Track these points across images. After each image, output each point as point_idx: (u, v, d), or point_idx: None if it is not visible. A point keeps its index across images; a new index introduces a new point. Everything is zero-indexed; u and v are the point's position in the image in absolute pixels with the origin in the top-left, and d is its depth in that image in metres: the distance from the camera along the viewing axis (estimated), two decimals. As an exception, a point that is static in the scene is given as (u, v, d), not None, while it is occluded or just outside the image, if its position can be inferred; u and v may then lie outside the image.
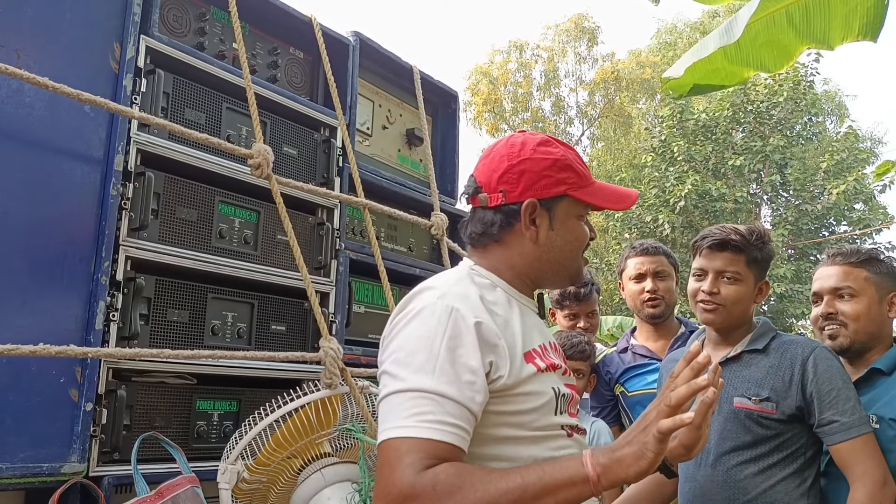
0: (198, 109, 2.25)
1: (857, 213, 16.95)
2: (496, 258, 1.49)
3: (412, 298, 1.37)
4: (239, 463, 1.89)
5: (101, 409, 1.89)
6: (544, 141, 1.49)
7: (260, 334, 2.32)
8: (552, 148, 1.48)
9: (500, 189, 1.45)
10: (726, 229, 2.18)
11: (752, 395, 2.08)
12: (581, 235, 1.51)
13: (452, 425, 1.21)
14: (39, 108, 1.85)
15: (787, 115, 17.17)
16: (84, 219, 1.92)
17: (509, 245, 1.47)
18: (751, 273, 2.15)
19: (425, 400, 1.22)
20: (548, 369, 1.39)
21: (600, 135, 24.76)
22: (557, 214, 1.47)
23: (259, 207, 2.36)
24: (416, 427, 1.20)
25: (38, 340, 1.66)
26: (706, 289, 2.15)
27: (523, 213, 1.44)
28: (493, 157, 1.49)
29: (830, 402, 1.98)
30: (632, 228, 17.63)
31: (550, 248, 1.47)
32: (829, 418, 1.98)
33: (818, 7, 2.17)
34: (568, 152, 1.50)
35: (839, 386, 2.00)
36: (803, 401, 2.02)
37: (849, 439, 1.95)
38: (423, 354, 1.26)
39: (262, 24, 2.57)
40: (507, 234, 1.47)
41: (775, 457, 2.04)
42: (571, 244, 1.49)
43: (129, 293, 1.97)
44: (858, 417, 1.97)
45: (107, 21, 2.02)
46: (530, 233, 1.45)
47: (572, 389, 1.47)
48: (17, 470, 1.70)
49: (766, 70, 2.34)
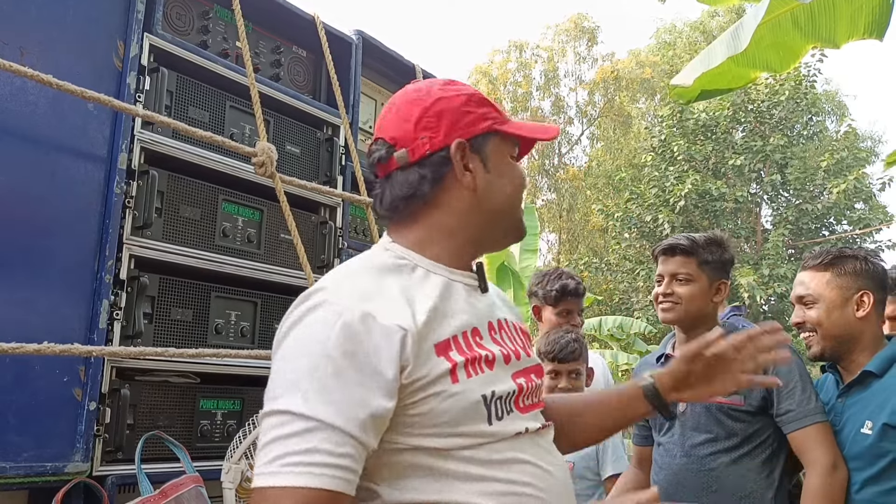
0: (201, 108, 2.24)
1: (858, 212, 16.94)
2: (426, 226, 1.24)
3: (300, 302, 1.12)
4: (243, 462, 1.89)
5: (105, 409, 1.89)
6: (448, 80, 1.30)
7: (263, 333, 2.31)
8: (460, 85, 1.29)
9: (421, 136, 1.21)
10: (678, 237, 2.37)
11: None
12: (519, 176, 1.29)
13: (322, 465, 0.98)
14: (43, 106, 1.84)
15: (787, 115, 17.16)
16: (88, 217, 1.91)
17: (442, 204, 1.23)
18: (703, 273, 2.28)
19: (293, 428, 0.99)
20: (473, 363, 1.14)
21: (600, 134, 24.77)
22: (489, 154, 1.25)
23: (262, 206, 2.35)
24: (277, 474, 0.97)
25: (42, 339, 1.65)
26: (661, 290, 2.33)
27: (454, 158, 1.21)
28: (398, 109, 1.26)
29: (787, 393, 2.10)
30: (631, 228, 17.62)
31: (490, 194, 1.24)
32: (786, 408, 2.10)
33: (823, 7, 2.17)
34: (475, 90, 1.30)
35: (796, 379, 2.12)
36: (766, 392, 2.13)
37: (802, 427, 2.07)
38: (305, 367, 1.03)
39: (265, 22, 2.57)
40: (438, 192, 1.22)
41: (746, 447, 2.15)
42: (511, 186, 1.27)
43: (132, 292, 1.97)
44: (812, 407, 2.09)
45: (110, 19, 2.02)
46: (466, 179, 1.21)
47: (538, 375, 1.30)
48: (20, 469, 1.70)
49: (772, 71, 2.35)
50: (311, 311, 1.07)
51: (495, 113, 1.27)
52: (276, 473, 0.97)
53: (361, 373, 1.03)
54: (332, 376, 1.01)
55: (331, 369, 1.01)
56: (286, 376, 1.04)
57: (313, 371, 1.01)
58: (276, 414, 1.01)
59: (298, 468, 0.97)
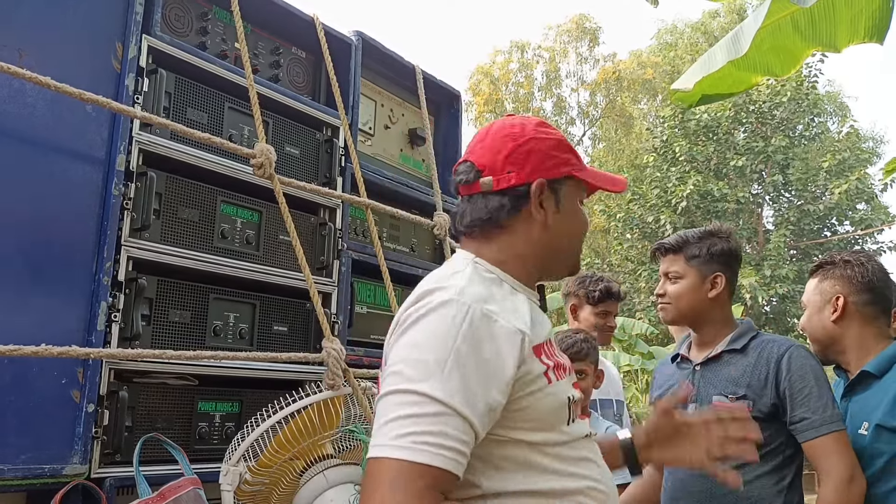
0: (200, 109, 2.24)
1: (860, 213, 16.94)
2: (500, 248, 1.36)
3: (423, 296, 1.24)
4: (241, 464, 1.88)
5: (103, 411, 1.88)
6: (541, 122, 1.43)
7: (262, 335, 2.31)
8: (551, 129, 1.42)
9: (508, 170, 1.35)
10: (668, 237, 2.38)
11: (730, 393, 2.14)
12: (584, 220, 1.44)
13: (451, 448, 1.08)
14: (41, 108, 1.84)
15: (789, 116, 17.16)
16: (86, 219, 1.91)
17: (515, 231, 1.36)
18: (692, 269, 2.26)
19: (427, 409, 1.09)
20: (556, 368, 1.29)
21: (602, 135, 24.78)
22: (563, 197, 1.38)
23: (261, 207, 2.35)
24: (411, 449, 1.07)
25: (40, 341, 1.65)
26: (657, 291, 2.36)
27: (533, 194, 1.34)
28: (492, 139, 1.39)
29: (802, 399, 2.04)
30: (633, 229, 17.62)
31: (558, 232, 1.38)
32: (801, 416, 2.03)
33: (823, 12, 2.17)
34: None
35: (811, 384, 2.05)
36: (777, 398, 2.07)
37: (818, 436, 2.00)
38: (436, 355, 1.12)
39: (264, 23, 2.56)
40: (514, 220, 1.35)
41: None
42: (576, 228, 1.42)
43: (130, 294, 1.97)
44: (830, 415, 2.01)
45: (109, 20, 2.01)
46: (540, 216, 1.35)
47: (578, 389, 1.42)
48: (18, 471, 1.69)
49: (773, 74, 2.35)
50: (442, 306, 1.18)
51: (575, 160, 1.40)
52: (410, 448, 1.06)
53: (486, 368, 1.14)
54: (462, 367, 1.12)
55: (462, 361, 1.12)
56: (419, 361, 1.13)
57: (445, 360, 1.12)
58: (411, 394, 1.11)
59: (434, 448, 1.07)
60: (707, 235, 2.29)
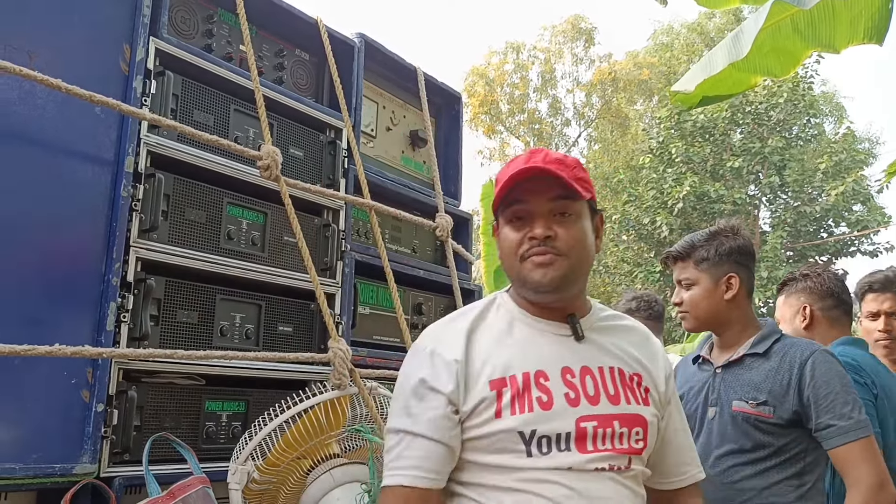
0: (206, 111, 2.26)
1: (856, 214, 16.98)
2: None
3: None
4: (249, 463, 1.90)
5: (112, 410, 1.90)
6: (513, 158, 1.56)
7: (267, 335, 2.33)
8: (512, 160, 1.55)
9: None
10: (675, 244, 2.34)
11: (750, 398, 2.07)
12: (508, 239, 1.45)
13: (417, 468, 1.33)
14: (51, 110, 1.86)
15: (785, 117, 17.20)
16: (95, 220, 1.92)
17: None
18: (702, 273, 2.22)
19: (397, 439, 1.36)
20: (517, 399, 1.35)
21: (597, 136, 24.80)
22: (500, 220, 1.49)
23: (266, 209, 2.37)
24: (389, 475, 1.34)
25: (51, 341, 1.67)
26: (673, 300, 2.30)
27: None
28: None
29: (827, 406, 1.97)
30: (629, 230, 17.64)
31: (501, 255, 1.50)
32: (826, 422, 1.96)
33: (823, 13, 2.19)
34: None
35: (837, 390, 1.98)
36: (800, 405, 2.00)
37: (845, 443, 1.93)
38: (400, 394, 1.40)
39: (268, 25, 2.58)
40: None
41: (773, 460, 2.03)
42: (503, 249, 1.47)
43: (139, 294, 1.98)
44: (856, 421, 1.95)
45: (117, 23, 2.03)
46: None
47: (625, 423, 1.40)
48: (29, 471, 1.71)
49: (772, 76, 2.37)
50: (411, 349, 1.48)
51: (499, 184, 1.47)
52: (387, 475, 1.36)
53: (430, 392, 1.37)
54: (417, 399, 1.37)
55: (417, 394, 1.38)
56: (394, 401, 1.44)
57: (406, 397, 1.39)
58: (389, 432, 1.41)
59: (403, 471, 1.34)
60: (713, 236, 2.23)
